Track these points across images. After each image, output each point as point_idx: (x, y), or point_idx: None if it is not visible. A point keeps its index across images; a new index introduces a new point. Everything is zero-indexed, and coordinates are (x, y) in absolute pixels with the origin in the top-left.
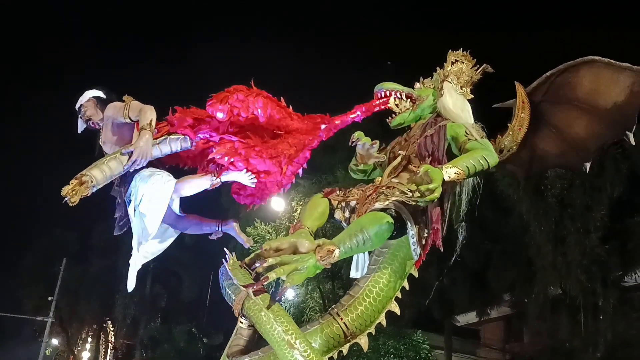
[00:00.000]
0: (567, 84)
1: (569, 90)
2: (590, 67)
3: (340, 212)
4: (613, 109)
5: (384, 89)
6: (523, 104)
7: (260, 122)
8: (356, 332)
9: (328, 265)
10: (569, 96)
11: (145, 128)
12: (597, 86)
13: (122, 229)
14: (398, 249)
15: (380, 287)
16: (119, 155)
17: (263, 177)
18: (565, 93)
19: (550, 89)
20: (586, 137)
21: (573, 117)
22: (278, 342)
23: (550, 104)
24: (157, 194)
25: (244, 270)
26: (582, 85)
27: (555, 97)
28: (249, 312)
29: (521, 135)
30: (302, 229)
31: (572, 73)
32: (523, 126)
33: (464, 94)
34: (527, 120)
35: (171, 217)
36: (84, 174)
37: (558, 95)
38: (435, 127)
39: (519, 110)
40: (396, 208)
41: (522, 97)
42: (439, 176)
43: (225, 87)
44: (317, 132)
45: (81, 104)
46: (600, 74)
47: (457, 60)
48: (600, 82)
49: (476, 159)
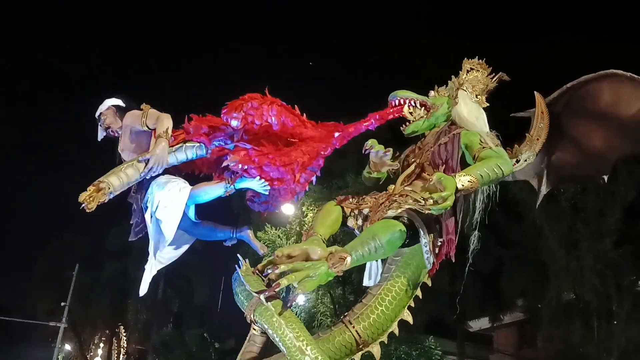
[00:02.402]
0: (588, 96)
1: (590, 102)
2: (612, 80)
3: (353, 219)
4: (632, 123)
5: (398, 97)
6: (542, 114)
7: (274, 130)
8: (368, 341)
9: (340, 273)
10: (590, 108)
11: (162, 136)
12: (618, 100)
13: (138, 234)
14: (411, 258)
15: (393, 296)
16: (136, 162)
17: (276, 184)
18: (585, 105)
19: (570, 101)
20: (604, 150)
21: (592, 129)
22: (289, 348)
23: (569, 115)
24: (173, 201)
25: (257, 276)
26: (603, 98)
27: (576, 108)
28: (260, 318)
29: (539, 145)
30: (315, 236)
31: (594, 86)
32: (541, 136)
33: (479, 102)
34: (545, 131)
35: (187, 224)
36: (102, 180)
37: (578, 107)
38: (449, 135)
39: (538, 120)
40: (409, 216)
41: (541, 107)
42: (452, 184)
43: (240, 95)
44: (331, 140)
45: (101, 112)
46: (621, 87)
47: (473, 68)
48: (621, 96)
49: (490, 167)
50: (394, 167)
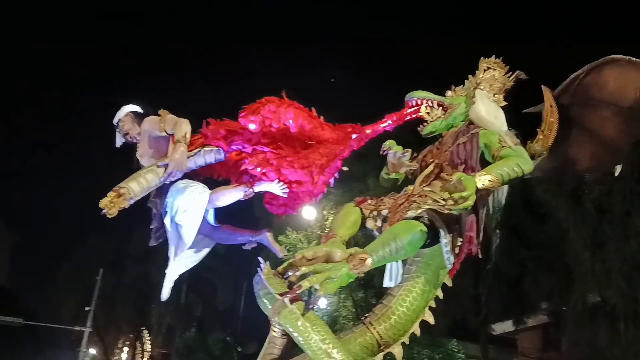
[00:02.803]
0: (594, 84)
1: (596, 90)
2: (612, 66)
3: (372, 221)
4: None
5: (414, 97)
6: (551, 108)
7: (292, 133)
8: (390, 342)
9: (361, 274)
10: (596, 97)
11: (180, 141)
12: (623, 85)
13: (158, 239)
14: (431, 258)
15: (414, 297)
16: (155, 167)
17: (295, 187)
18: (592, 94)
19: (577, 91)
20: (617, 138)
21: (602, 117)
22: (315, 351)
23: (578, 106)
24: (192, 205)
25: (279, 279)
26: (608, 85)
27: (583, 98)
28: (285, 321)
29: (551, 140)
30: (334, 238)
31: (597, 73)
32: (552, 130)
33: (497, 101)
34: (556, 124)
35: (206, 228)
36: (122, 186)
37: (585, 96)
38: (467, 134)
39: (548, 114)
40: (429, 216)
41: (549, 101)
42: (473, 184)
43: (258, 98)
44: (348, 142)
45: (119, 118)
46: (624, 72)
47: (489, 67)
48: (625, 80)
49: (510, 166)
50: (412, 168)
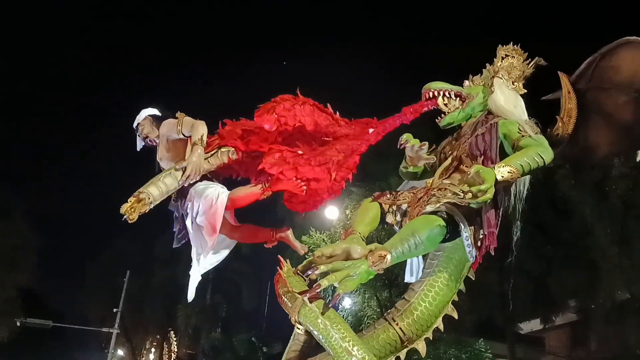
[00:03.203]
0: (609, 67)
1: (612, 73)
2: (627, 48)
3: (392, 215)
4: None
5: (431, 88)
6: (569, 94)
7: (308, 130)
8: (413, 337)
9: (381, 271)
10: (613, 80)
11: (197, 143)
12: (638, 66)
13: (181, 241)
14: (453, 252)
15: (436, 291)
16: (174, 171)
17: (313, 184)
18: (608, 77)
19: (593, 76)
20: (634, 122)
21: (620, 101)
22: (335, 349)
23: (596, 90)
24: (211, 206)
25: (299, 277)
26: (624, 68)
27: (600, 82)
28: (305, 320)
29: (570, 126)
30: (354, 234)
31: (612, 56)
32: (571, 117)
33: (516, 89)
34: (574, 111)
35: (227, 228)
36: (142, 191)
37: (602, 80)
38: (486, 125)
39: (566, 101)
40: (448, 210)
41: (567, 87)
42: (491, 176)
43: (274, 97)
44: (365, 137)
45: (138, 122)
46: (638, 54)
47: (508, 54)
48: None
49: (530, 156)
50: (430, 160)
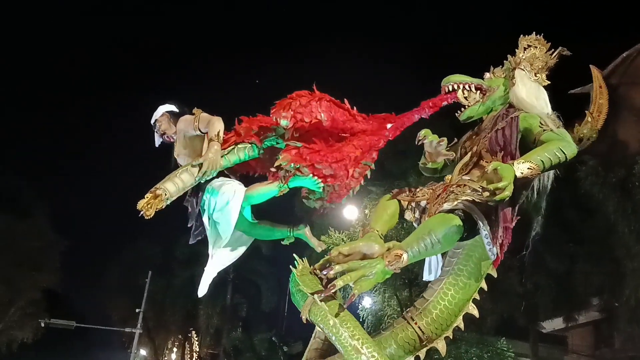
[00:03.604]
0: None
1: None
2: None
3: (411, 212)
4: None
5: (451, 82)
6: (601, 89)
7: (325, 126)
8: (432, 336)
9: (397, 270)
10: None
11: (214, 139)
12: None
13: (197, 237)
14: (473, 250)
15: (456, 290)
16: (190, 167)
17: (330, 181)
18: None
19: (628, 71)
20: None
21: None
22: (345, 347)
23: (629, 86)
24: (228, 203)
25: (313, 276)
26: None
27: (634, 78)
28: (315, 318)
29: (600, 122)
30: (372, 232)
31: None
32: (602, 112)
33: (539, 80)
34: (606, 106)
35: (244, 224)
36: (158, 187)
37: (637, 76)
38: (506, 119)
39: (597, 95)
40: (466, 208)
41: (599, 82)
42: (510, 173)
43: (291, 93)
44: (383, 132)
45: (156, 119)
46: None
47: (530, 45)
48: None
49: (551, 151)
50: (449, 156)
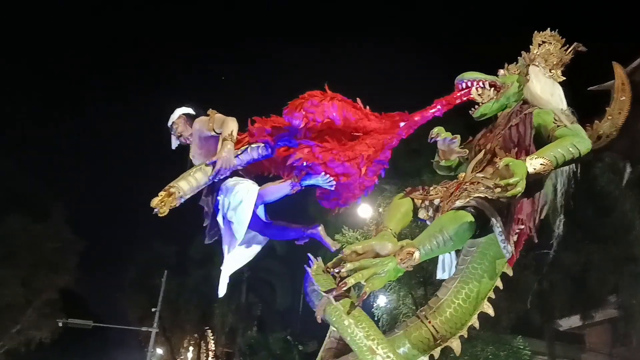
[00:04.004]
0: None
1: None
2: None
3: (425, 211)
4: None
5: (465, 79)
6: (623, 86)
7: (337, 125)
8: (446, 336)
9: (410, 268)
10: None
11: (227, 139)
12: None
13: (212, 237)
14: (487, 247)
15: (470, 288)
16: (204, 166)
17: (342, 179)
18: None
19: None
20: None
21: None
22: (360, 347)
23: None
24: (241, 202)
25: (327, 275)
26: None
27: None
28: (330, 318)
29: (621, 119)
30: (385, 230)
31: None
32: (623, 110)
33: (554, 76)
34: (627, 103)
35: (258, 224)
36: (172, 185)
37: None
38: (520, 115)
39: (618, 92)
40: (478, 205)
41: (621, 79)
42: (522, 169)
43: (304, 92)
44: (396, 130)
45: (172, 121)
46: None
47: (545, 41)
48: None
49: (565, 147)
50: (462, 154)
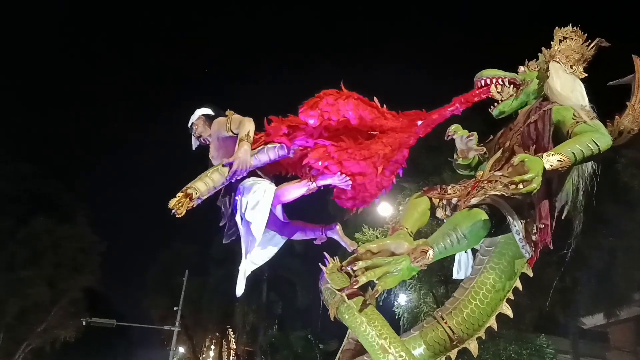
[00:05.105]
0: None
1: None
2: None
3: (442, 210)
4: None
5: (484, 76)
6: None
7: (353, 124)
8: (463, 337)
9: (424, 267)
10: None
11: (244, 139)
12: None
13: (231, 237)
14: (506, 247)
15: (487, 289)
16: (221, 167)
17: (358, 179)
18: None
19: None
20: None
21: None
22: (372, 346)
23: None
24: (258, 202)
25: (341, 274)
26: None
27: None
28: (343, 316)
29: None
30: (401, 230)
31: None
32: None
33: (575, 73)
34: None
35: (276, 224)
36: (189, 186)
37: None
38: (539, 112)
39: (638, 87)
40: (493, 203)
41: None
42: (537, 165)
43: (317, 92)
44: (413, 129)
45: (192, 122)
46: None
47: (566, 37)
48: None
49: (584, 143)
50: (480, 151)
